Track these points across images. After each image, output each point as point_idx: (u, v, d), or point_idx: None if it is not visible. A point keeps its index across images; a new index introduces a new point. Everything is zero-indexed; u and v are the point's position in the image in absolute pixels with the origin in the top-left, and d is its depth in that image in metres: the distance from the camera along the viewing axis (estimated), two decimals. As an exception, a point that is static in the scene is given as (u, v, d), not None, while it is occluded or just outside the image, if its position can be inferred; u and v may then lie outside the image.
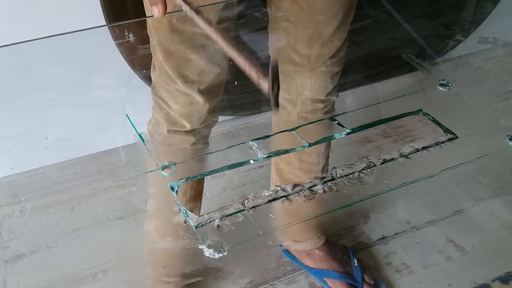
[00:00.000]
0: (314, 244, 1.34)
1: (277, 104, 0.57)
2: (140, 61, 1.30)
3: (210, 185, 1.46)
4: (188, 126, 1.03)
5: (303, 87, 1.08)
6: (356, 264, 1.34)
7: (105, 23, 1.37)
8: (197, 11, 0.73)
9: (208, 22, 0.70)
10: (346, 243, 1.42)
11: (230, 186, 1.53)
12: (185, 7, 0.74)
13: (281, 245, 1.39)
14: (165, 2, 0.75)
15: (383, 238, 1.44)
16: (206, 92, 1.00)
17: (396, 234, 1.45)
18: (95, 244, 1.25)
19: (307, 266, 1.35)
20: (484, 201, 1.51)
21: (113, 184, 1.43)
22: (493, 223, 1.46)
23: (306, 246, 1.35)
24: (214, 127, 1.10)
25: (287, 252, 1.39)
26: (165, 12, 0.75)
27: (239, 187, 1.54)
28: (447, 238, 1.43)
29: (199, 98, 1.00)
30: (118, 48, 1.22)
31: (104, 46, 1.16)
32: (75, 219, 1.23)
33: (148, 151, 0.89)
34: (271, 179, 1.31)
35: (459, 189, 1.53)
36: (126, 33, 1.03)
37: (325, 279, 1.33)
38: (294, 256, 1.38)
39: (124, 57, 1.32)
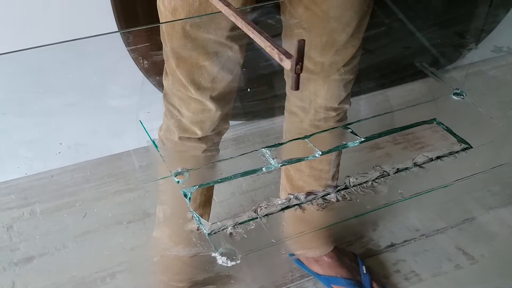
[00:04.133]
0: (322, 251, 1.34)
1: (297, 86, 0.56)
2: (152, 68, 1.30)
3: (219, 190, 1.46)
4: (199, 133, 1.03)
5: (316, 95, 1.08)
6: (364, 271, 1.34)
7: (116, 29, 1.37)
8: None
9: (227, 3, 0.69)
10: (354, 250, 1.42)
11: (238, 191, 1.53)
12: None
13: (292, 254, 1.39)
14: None
15: (392, 245, 1.44)
16: (218, 99, 1.00)
17: (405, 241, 1.45)
18: (104, 248, 1.25)
19: (316, 272, 1.35)
20: (494, 210, 1.51)
21: (122, 188, 1.43)
22: (503, 231, 1.45)
23: (314, 252, 1.35)
24: (223, 133, 1.10)
25: (295, 258, 1.39)
26: None
27: (248, 192, 1.54)
28: (456, 246, 1.43)
29: (211, 105, 1.00)
30: (130, 54, 1.23)
31: (117, 52, 1.16)
32: (84, 223, 1.23)
33: (162, 157, 0.89)
34: (281, 186, 1.30)
35: (469, 197, 1.53)
36: (141, 60, 1.04)
37: (334, 286, 1.33)
38: (302, 263, 1.37)
39: (136, 64, 1.33)
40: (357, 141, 0.88)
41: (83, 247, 1.29)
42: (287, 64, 0.55)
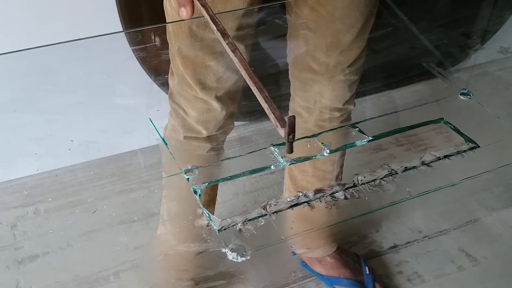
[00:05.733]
0: (325, 251, 1.34)
1: (291, 151, 0.61)
2: (157, 67, 1.31)
3: (222, 190, 1.46)
4: (204, 133, 1.04)
5: (320, 95, 1.08)
6: (367, 272, 1.34)
7: (121, 29, 1.38)
8: (223, 34, 0.74)
9: (233, 49, 0.71)
10: (357, 251, 1.42)
11: (241, 192, 1.54)
12: (212, 26, 0.75)
13: (294, 253, 1.39)
14: (193, 4, 0.75)
15: (395, 246, 1.44)
16: (223, 99, 1.01)
17: (408, 242, 1.45)
18: (108, 247, 1.25)
19: (318, 273, 1.35)
20: (497, 211, 1.51)
21: (126, 187, 1.44)
22: (506, 233, 1.46)
23: (317, 253, 1.35)
24: (228, 133, 1.11)
25: (299, 259, 1.39)
26: (192, 14, 0.76)
27: (251, 192, 1.54)
28: (459, 247, 1.43)
29: (216, 105, 1.00)
30: (134, 54, 1.23)
31: (122, 51, 1.17)
32: (88, 222, 1.24)
33: (172, 155, 0.89)
34: (284, 186, 1.31)
35: (472, 198, 1.53)
36: (153, 37, 1.04)
37: (336, 287, 1.33)
38: (305, 263, 1.38)
39: (141, 63, 1.33)
40: (365, 140, 0.88)
41: (87, 246, 1.29)
42: (281, 132, 0.60)
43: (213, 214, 1.19)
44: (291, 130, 0.58)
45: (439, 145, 1.56)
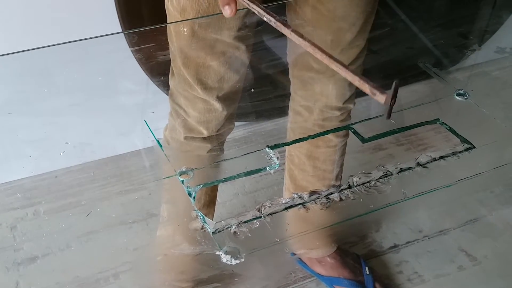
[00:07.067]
0: (325, 251, 1.34)
1: (389, 116, 0.63)
2: (156, 68, 1.30)
3: (222, 190, 1.46)
4: (205, 133, 1.04)
5: (320, 94, 1.08)
6: (367, 272, 1.34)
7: (120, 30, 1.38)
8: (285, 24, 0.73)
9: (300, 35, 0.70)
10: (357, 251, 1.42)
11: (241, 192, 1.54)
12: (268, 18, 0.75)
13: (293, 253, 1.39)
14: (236, 2, 0.75)
15: (395, 246, 1.44)
16: (224, 99, 1.00)
17: (408, 242, 1.45)
18: (107, 248, 1.25)
19: (318, 273, 1.35)
20: (497, 211, 1.51)
21: (125, 188, 1.44)
22: (506, 232, 1.45)
23: (317, 253, 1.35)
24: (227, 134, 1.11)
25: (298, 259, 1.39)
26: (236, 12, 0.75)
27: (251, 193, 1.54)
28: (459, 247, 1.43)
29: (217, 105, 1.00)
30: (133, 55, 1.23)
31: (121, 52, 1.17)
32: (88, 223, 1.23)
33: (166, 157, 0.89)
34: (284, 186, 1.31)
35: (471, 198, 1.53)
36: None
37: (336, 287, 1.33)
38: (305, 263, 1.38)
39: (140, 64, 1.33)
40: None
41: (87, 247, 1.29)
42: (380, 98, 0.62)
43: (213, 215, 1.20)
44: (395, 94, 0.60)
45: (438, 145, 1.55)
